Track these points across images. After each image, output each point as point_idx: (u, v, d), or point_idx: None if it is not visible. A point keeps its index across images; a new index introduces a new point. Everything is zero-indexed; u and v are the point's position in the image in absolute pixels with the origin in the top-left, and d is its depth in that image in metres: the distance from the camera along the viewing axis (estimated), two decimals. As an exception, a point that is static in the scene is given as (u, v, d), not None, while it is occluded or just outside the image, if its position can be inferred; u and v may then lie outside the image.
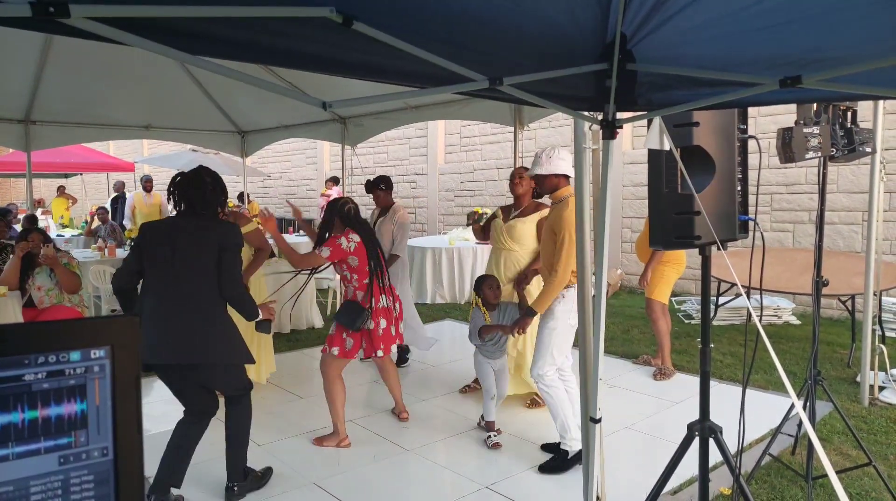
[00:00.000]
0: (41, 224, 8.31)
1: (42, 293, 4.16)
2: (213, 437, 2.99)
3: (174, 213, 2.83)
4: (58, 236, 9.38)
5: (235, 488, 2.88)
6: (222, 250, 2.61)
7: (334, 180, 11.39)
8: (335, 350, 3.36)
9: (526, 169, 3.83)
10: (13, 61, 4.71)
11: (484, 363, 3.48)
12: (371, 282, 3.37)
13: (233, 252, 2.65)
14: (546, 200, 3.54)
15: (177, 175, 2.72)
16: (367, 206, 5.00)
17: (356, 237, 3.35)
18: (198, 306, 2.61)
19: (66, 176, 14.98)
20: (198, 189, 2.67)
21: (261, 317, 2.79)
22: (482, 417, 3.59)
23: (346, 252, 3.33)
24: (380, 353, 3.42)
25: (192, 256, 2.60)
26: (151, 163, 13.98)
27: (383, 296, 3.43)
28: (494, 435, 3.47)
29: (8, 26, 1.01)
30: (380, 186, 4.67)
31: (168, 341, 2.59)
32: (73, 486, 0.66)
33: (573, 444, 3.15)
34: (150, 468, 3.13)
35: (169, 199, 2.77)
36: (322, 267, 3.45)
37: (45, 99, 5.43)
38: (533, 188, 3.81)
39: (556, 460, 3.18)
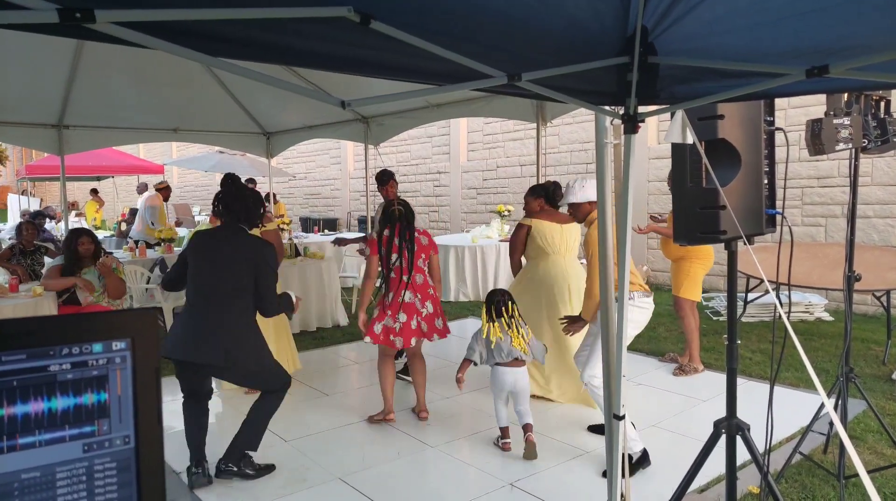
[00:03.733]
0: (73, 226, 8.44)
1: (87, 292, 4.27)
2: (217, 418, 3.04)
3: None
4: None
5: (223, 467, 2.97)
6: (259, 270, 2.86)
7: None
8: (367, 339, 3.62)
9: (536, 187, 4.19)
10: (46, 68, 4.85)
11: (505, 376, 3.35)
12: (390, 271, 3.59)
13: (270, 275, 2.91)
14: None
15: (220, 192, 3.04)
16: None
17: (386, 232, 3.61)
18: (230, 314, 2.84)
19: (99, 179, 15.39)
20: (243, 203, 3.00)
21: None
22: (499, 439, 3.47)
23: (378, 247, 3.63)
24: (398, 342, 3.55)
25: (232, 269, 2.87)
26: (180, 165, 14.29)
27: (406, 291, 3.55)
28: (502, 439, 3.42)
29: (38, 32, 1.04)
30: (394, 178, 4.81)
31: (196, 341, 2.83)
32: (96, 472, 0.68)
33: (632, 445, 3.07)
34: (176, 463, 3.20)
35: (215, 211, 3.05)
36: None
37: (77, 104, 5.58)
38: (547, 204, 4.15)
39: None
